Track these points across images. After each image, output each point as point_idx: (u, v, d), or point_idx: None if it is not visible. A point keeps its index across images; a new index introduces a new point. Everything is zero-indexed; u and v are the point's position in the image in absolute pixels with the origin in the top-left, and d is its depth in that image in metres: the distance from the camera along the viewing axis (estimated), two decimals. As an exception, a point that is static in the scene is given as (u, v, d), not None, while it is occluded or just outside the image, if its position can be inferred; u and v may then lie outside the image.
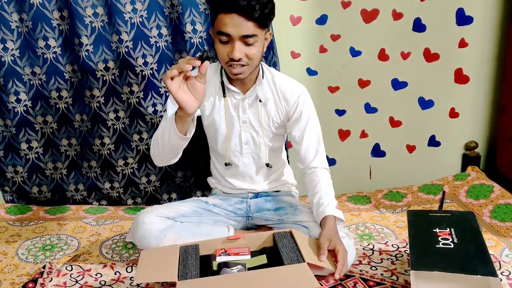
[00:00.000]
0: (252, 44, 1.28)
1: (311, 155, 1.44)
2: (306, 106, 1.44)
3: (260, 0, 1.23)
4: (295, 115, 1.44)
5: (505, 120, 1.92)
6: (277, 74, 1.46)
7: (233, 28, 1.24)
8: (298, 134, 1.45)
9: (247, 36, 1.26)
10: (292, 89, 1.43)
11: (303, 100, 1.43)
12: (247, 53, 1.29)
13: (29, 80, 1.81)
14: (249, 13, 1.22)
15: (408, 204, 1.84)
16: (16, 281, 1.37)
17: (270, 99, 1.43)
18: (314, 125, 1.46)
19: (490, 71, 1.93)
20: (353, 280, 1.28)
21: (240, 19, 1.23)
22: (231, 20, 1.23)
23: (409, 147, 2.03)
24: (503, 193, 1.72)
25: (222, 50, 1.29)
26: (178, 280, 1.13)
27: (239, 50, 1.27)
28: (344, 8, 1.83)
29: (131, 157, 1.89)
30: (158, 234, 1.34)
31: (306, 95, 1.45)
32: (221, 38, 1.27)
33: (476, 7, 1.83)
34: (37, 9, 1.70)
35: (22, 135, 1.87)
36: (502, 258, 1.37)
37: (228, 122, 1.45)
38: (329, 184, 1.42)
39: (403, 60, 1.90)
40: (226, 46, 1.28)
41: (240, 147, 1.47)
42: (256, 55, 1.31)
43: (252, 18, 1.23)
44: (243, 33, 1.25)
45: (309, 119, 1.44)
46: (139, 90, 1.80)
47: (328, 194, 1.37)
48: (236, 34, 1.25)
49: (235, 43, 1.26)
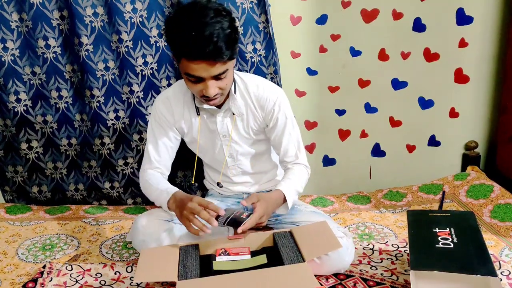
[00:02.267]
0: (224, 77, 1.24)
1: (291, 157, 1.46)
2: (281, 112, 1.41)
3: (225, 37, 1.16)
4: (272, 122, 1.43)
5: (505, 120, 1.92)
6: (250, 82, 1.41)
7: (203, 73, 1.20)
8: (277, 139, 1.45)
9: (218, 75, 1.22)
10: (266, 96, 1.40)
11: (278, 107, 1.41)
12: (220, 86, 1.26)
13: (29, 79, 1.81)
14: (217, 57, 1.17)
15: (408, 204, 1.84)
16: (16, 281, 1.37)
17: (244, 111, 1.41)
18: (291, 128, 1.45)
19: (490, 71, 1.93)
20: (353, 280, 1.28)
21: (209, 65, 1.18)
22: (198, 66, 1.18)
23: (409, 147, 2.03)
24: (503, 193, 1.72)
25: (194, 88, 1.25)
26: (178, 280, 1.13)
27: (213, 88, 1.23)
28: (344, 8, 1.83)
29: (131, 157, 1.89)
30: (158, 237, 1.34)
31: (281, 100, 1.41)
32: (190, 79, 1.23)
33: (476, 7, 1.83)
34: (37, 8, 1.70)
35: (22, 134, 1.87)
36: (502, 258, 1.37)
37: (206, 138, 1.45)
38: (300, 175, 1.43)
39: (403, 60, 1.90)
40: (198, 85, 1.24)
41: (225, 160, 1.48)
42: (229, 83, 1.29)
43: (221, 60, 1.18)
44: (215, 73, 1.21)
45: (286, 124, 1.43)
46: (139, 90, 1.80)
47: (290, 179, 1.39)
48: (207, 76, 1.21)
49: (207, 82, 1.22)
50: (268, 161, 1.56)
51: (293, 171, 1.44)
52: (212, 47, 1.14)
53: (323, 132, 1.99)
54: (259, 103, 1.41)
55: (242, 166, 1.50)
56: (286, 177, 1.42)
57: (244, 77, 1.43)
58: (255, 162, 1.52)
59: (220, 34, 1.14)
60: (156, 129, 1.44)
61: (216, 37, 1.14)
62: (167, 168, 1.48)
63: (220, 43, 1.15)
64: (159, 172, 1.46)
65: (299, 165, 1.46)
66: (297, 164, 1.46)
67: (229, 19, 1.19)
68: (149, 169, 1.45)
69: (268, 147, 1.54)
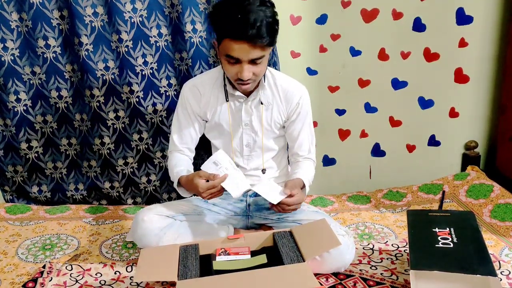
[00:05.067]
0: (260, 63, 1.30)
1: (304, 151, 1.52)
2: (304, 108, 1.47)
3: (267, 25, 1.23)
4: (294, 116, 1.47)
5: (505, 120, 1.92)
6: (278, 75, 1.47)
7: (242, 54, 1.25)
8: (295, 132, 1.49)
9: (256, 59, 1.27)
10: (293, 91, 1.46)
11: (303, 102, 1.47)
12: (254, 72, 1.31)
13: (29, 79, 1.81)
14: (258, 40, 1.23)
15: (408, 204, 1.84)
16: (16, 280, 1.37)
17: (272, 102, 1.45)
18: (309, 125, 1.52)
19: (490, 70, 1.93)
20: (353, 280, 1.28)
21: (249, 46, 1.24)
22: (240, 46, 1.24)
23: (409, 146, 2.03)
24: (503, 192, 1.72)
25: (231, 69, 1.31)
26: (178, 279, 1.13)
27: (248, 71, 1.29)
28: (344, 7, 1.83)
29: (131, 157, 1.89)
30: (158, 233, 1.35)
31: (306, 97, 1.48)
32: (229, 60, 1.29)
33: (476, 6, 1.83)
34: (37, 8, 1.70)
35: (22, 134, 1.87)
36: (501, 258, 1.37)
37: (231, 124, 1.46)
38: (310, 170, 1.49)
39: (403, 60, 1.90)
40: (235, 67, 1.29)
41: (241, 149, 1.49)
42: (263, 70, 1.34)
43: (261, 44, 1.24)
44: (253, 57, 1.26)
45: (305, 120, 1.49)
46: (139, 89, 1.80)
47: (305, 172, 1.46)
48: (245, 58, 1.26)
49: (243, 65, 1.28)
50: (283, 161, 1.58)
51: (305, 164, 1.50)
52: (255, 30, 1.21)
53: (323, 132, 1.99)
54: (285, 96, 1.46)
55: (256, 158, 1.51)
56: (300, 168, 1.48)
57: (273, 71, 1.49)
58: (269, 157, 1.53)
59: (263, 21, 1.22)
60: (181, 116, 1.49)
61: (260, 23, 1.21)
62: (191, 150, 1.53)
63: (263, 28, 1.22)
64: (182, 154, 1.51)
65: (309, 160, 1.52)
66: (308, 159, 1.52)
67: (272, 10, 1.27)
68: (173, 151, 1.51)
69: (284, 147, 1.57)
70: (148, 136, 1.86)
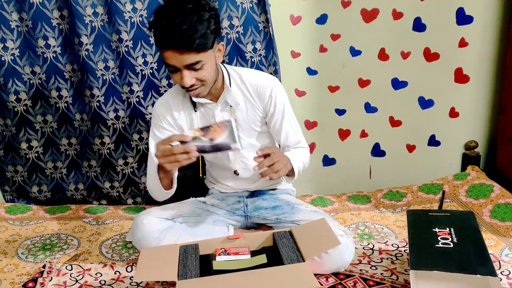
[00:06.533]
0: (200, 68, 1.26)
1: (292, 142, 1.49)
2: (279, 98, 1.44)
3: (195, 29, 1.18)
4: (271, 109, 1.45)
5: (505, 120, 1.92)
6: (244, 72, 1.44)
7: (174, 61, 1.23)
8: (277, 125, 1.48)
9: (191, 65, 1.24)
10: (263, 84, 1.43)
11: (275, 94, 1.43)
12: (197, 77, 1.28)
13: (29, 79, 1.81)
14: (184, 46, 1.19)
15: (408, 204, 1.84)
16: (16, 280, 1.37)
17: (241, 102, 1.43)
18: (290, 115, 1.48)
19: (490, 70, 1.93)
20: (353, 280, 1.28)
21: (178, 53, 1.21)
22: (170, 54, 1.22)
23: (409, 146, 2.03)
24: (503, 192, 1.72)
25: (175, 77, 1.29)
26: (178, 279, 1.13)
27: (188, 78, 1.26)
28: (344, 7, 1.83)
29: (131, 157, 1.89)
30: (158, 235, 1.34)
31: (278, 87, 1.45)
32: (169, 68, 1.27)
33: (476, 6, 1.83)
34: (37, 8, 1.70)
35: (22, 134, 1.87)
36: (502, 258, 1.37)
37: None
38: (301, 153, 1.46)
39: (403, 60, 1.90)
40: (177, 74, 1.27)
41: (227, 154, 1.49)
42: (208, 76, 1.30)
43: (190, 49, 1.20)
44: (187, 63, 1.23)
45: (284, 109, 1.46)
46: (139, 89, 1.80)
47: (294, 153, 1.41)
48: (180, 65, 1.24)
49: (182, 72, 1.25)
50: None
51: (295, 149, 1.49)
52: (180, 36, 1.16)
53: (323, 132, 1.99)
54: (256, 92, 1.43)
55: (245, 160, 1.50)
56: (290, 151, 1.45)
57: (238, 70, 1.45)
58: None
59: (191, 24, 1.16)
60: (157, 133, 1.46)
61: (187, 26, 1.16)
62: None
63: (189, 31, 1.17)
64: None
65: (303, 148, 1.51)
66: (301, 148, 1.50)
67: (210, 14, 1.21)
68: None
69: (272, 141, 1.55)
70: (148, 136, 1.86)
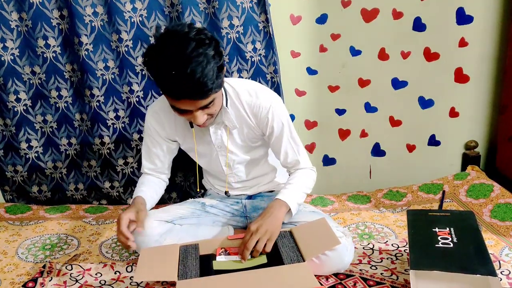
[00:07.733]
0: (212, 105, 1.20)
1: (291, 163, 1.44)
2: (277, 119, 1.36)
3: (210, 73, 1.09)
4: (268, 130, 1.39)
5: (505, 120, 1.92)
6: (241, 90, 1.35)
7: (188, 107, 1.16)
8: (275, 145, 1.42)
9: (206, 105, 1.18)
10: (259, 104, 1.35)
11: (272, 114, 1.35)
12: (209, 113, 1.23)
13: (29, 79, 1.81)
14: (202, 95, 1.12)
15: (408, 204, 1.84)
16: (16, 280, 1.37)
17: (237, 123, 1.38)
18: (289, 134, 1.40)
19: (490, 70, 1.93)
20: (353, 280, 1.28)
21: (194, 101, 1.14)
22: (183, 103, 1.15)
23: (409, 146, 2.03)
24: (503, 192, 1.72)
25: (185, 117, 1.23)
26: (178, 279, 1.13)
27: (201, 117, 1.20)
28: (344, 7, 1.83)
29: (131, 156, 1.89)
30: (158, 239, 1.34)
31: (276, 107, 1.36)
32: (178, 111, 1.20)
33: (476, 6, 1.83)
34: (37, 8, 1.70)
35: (22, 134, 1.87)
36: (502, 258, 1.37)
37: (203, 147, 1.44)
38: (303, 178, 1.41)
39: (403, 60, 1.90)
40: (187, 114, 1.21)
41: (220, 169, 1.48)
42: (218, 107, 1.26)
43: (204, 96, 1.13)
44: (201, 106, 1.16)
45: (283, 130, 1.38)
46: (139, 89, 1.80)
47: (292, 185, 1.37)
48: (193, 109, 1.17)
49: (194, 113, 1.18)
50: (266, 165, 1.54)
51: (295, 174, 1.43)
52: (195, 85, 1.08)
53: (323, 132, 1.99)
54: (252, 112, 1.36)
55: (239, 173, 1.50)
56: (288, 183, 1.40)
57: (235, 85, 1.36)
58: (252, 168, 1.51)
59: (204, 70, 1.07)
60: (149, 143, 1.46)
61: (200, 74, 1.07)
62: (163, 173, 1.51)
63: (204, 79, 1.08)
64: (153, 176, 1.50)
65: (303, 169, 1.44)
66: (300, 169, 1.44)
67: (214, 47, 1.12)
68: (144, 174, 1.51)
69: (266, 152, 1.52)
70: (148, 136, 1.86)
